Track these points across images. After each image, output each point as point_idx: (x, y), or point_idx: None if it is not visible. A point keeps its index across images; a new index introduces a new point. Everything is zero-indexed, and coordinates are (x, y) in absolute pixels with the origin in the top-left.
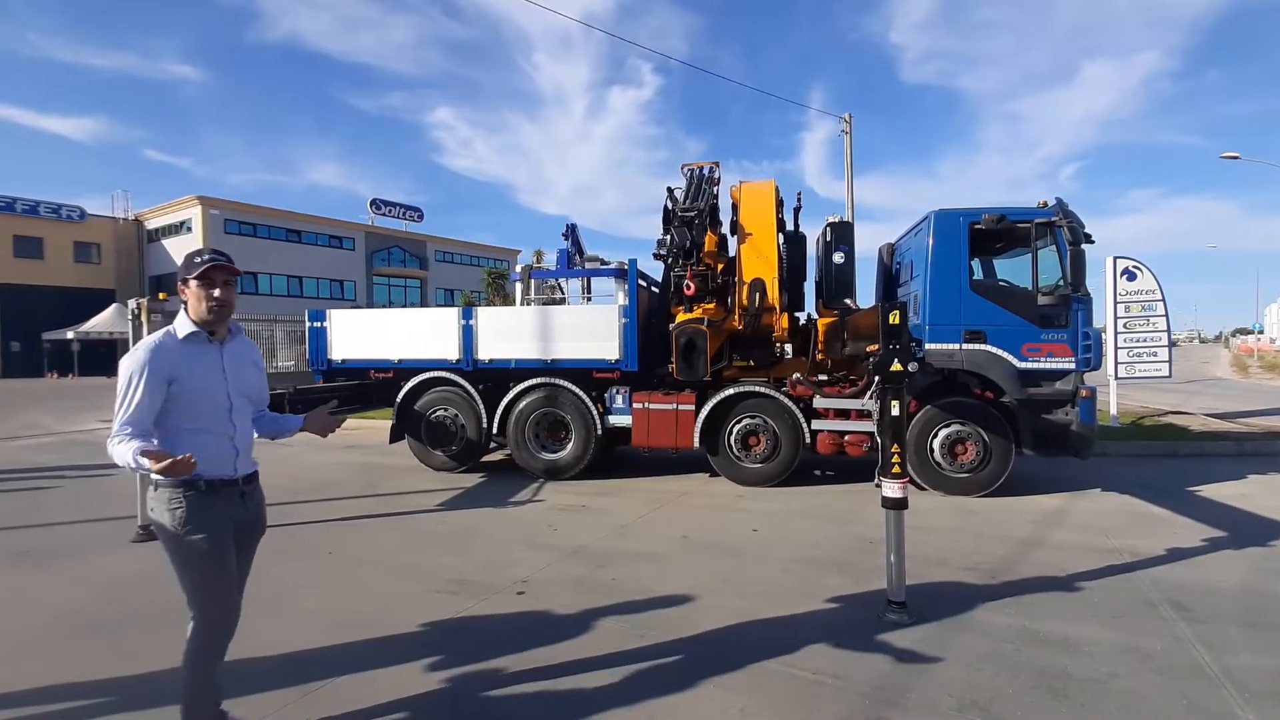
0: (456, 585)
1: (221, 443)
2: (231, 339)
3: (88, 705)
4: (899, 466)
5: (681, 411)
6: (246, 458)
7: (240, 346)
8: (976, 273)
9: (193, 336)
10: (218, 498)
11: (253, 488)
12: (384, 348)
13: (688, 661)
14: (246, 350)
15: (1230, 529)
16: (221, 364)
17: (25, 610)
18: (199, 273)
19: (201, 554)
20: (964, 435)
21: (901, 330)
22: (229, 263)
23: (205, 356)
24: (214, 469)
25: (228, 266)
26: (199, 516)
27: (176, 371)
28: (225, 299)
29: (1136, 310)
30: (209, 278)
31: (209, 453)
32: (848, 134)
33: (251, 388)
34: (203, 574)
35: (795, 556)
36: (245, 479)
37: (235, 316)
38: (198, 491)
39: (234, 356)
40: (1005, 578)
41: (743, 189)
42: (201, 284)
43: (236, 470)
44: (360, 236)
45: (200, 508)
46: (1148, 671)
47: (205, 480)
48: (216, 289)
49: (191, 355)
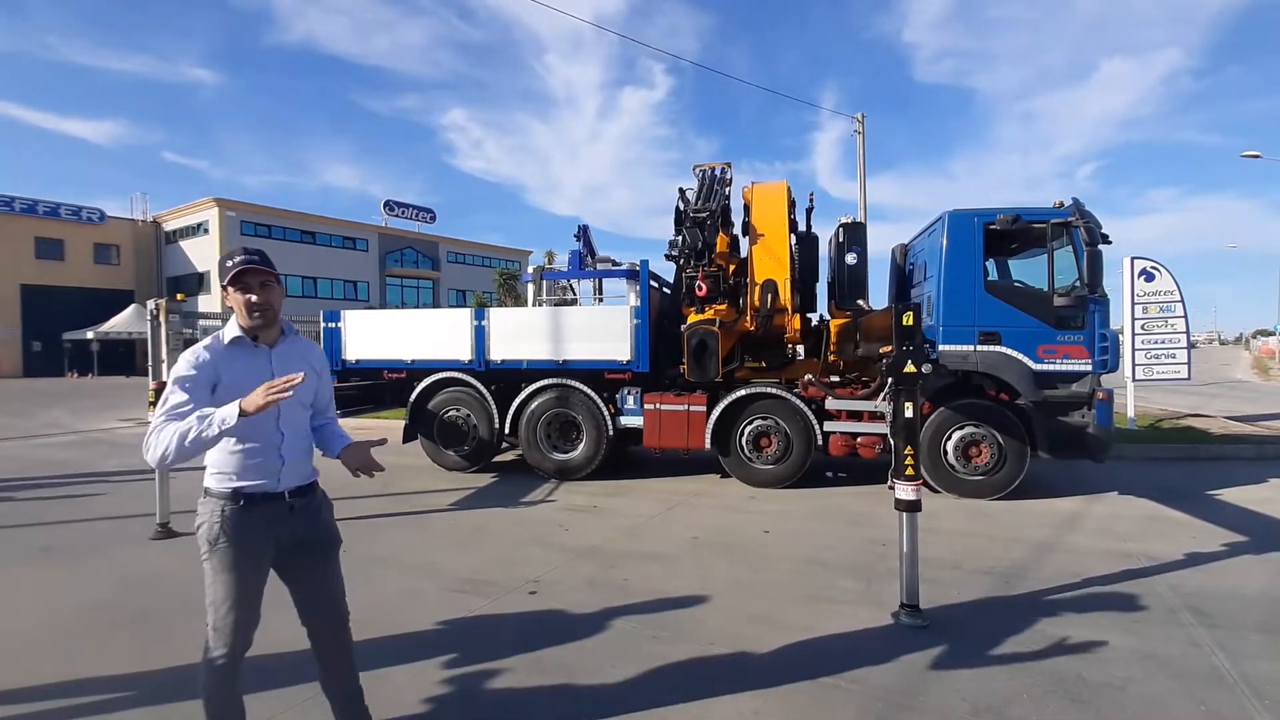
0: (469, 584)
1: (267, 452)
2: (284, 341)
3: (105, 700)
4: (912, 469)
5: (693, 412)
6: (297, 468)
7: (294, 349)
8: (991, 273)
9: (237, 341)
10: (257, 512)
11: (306, 500)
12: (397, 348)
13: (700, 663)
14: (302, 353)
15: (1250, 534)
16: (270, 368)
17: (44, 606)
18: (230, 277)
19: (223, 567)
20: (978, 437)
21: (915, 331)
22: (261, 262)
23: (251, 361)
24: (255, 481)
25: (260, 267)
26: (231, 530)
27: (220, 376)
28: (265, 301)
29: (1154, 311)
30: (243, 281)
31: (250, 463)
32: (860, 134)
33: (305, 393)
34: (219, 587)
35: (807, 558)
36: (293, 491)
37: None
38: (236, 506)
39: (285, 360)
40: (1020, 581)
41: (754, 190)
42: (237, 289)
43: (281, 483)
44: (374, 238)
45: (235, 522)
46: (1165, 677)
47: (244, 494)
48: (253, 293)
49: (236, 360)
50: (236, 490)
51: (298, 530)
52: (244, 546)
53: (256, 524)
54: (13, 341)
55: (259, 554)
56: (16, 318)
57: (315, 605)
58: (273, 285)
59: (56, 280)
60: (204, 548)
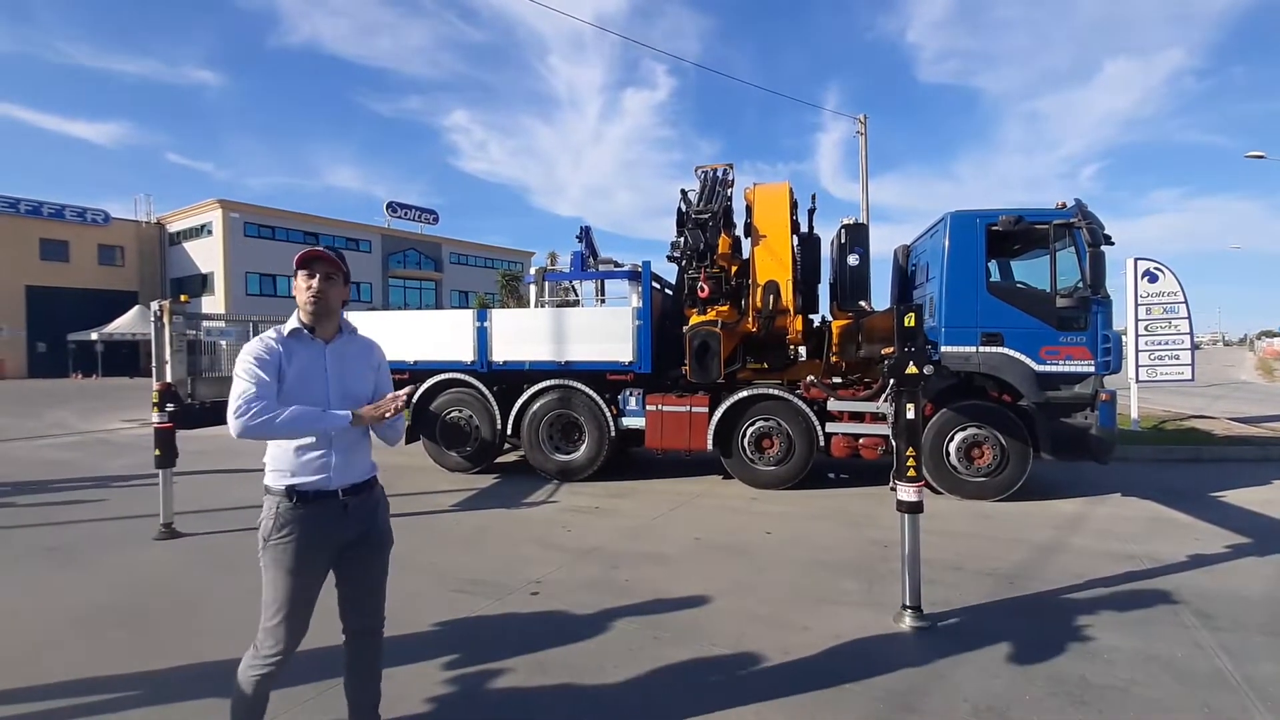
0: (471, 585)
1: (319, 448)
2: (341, 337)
3: (110, 700)
4: (914, 470)
5: (695, 414)
6: (352, 465)
7: (351, 346)
8: (994, 274)
9: (295, 333)
10: (311, 510)
11: (361, 498)
12: (400, 349)
13: (702, 664)
14: (360, 350)
15: (1254, 535)
16: (324, 362)
17: (50, 606)
18: (299, 260)
19: (275, 564)
20: (981, 439)
21: (917, 332)
22: (334, 255)
23: (308, 354)
24: (309, 478)
25: (330, 258)
26: (284, 526)
27: (282, 366)
28: (322, 292)
29: (1158, 312)
30: (308, 267)
31: (304, 459)
32: (863, 135)
33: (362, 389)
34: (271, 585)
35: (809, 560)
36: (347, 489)
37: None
38: (290, 503)
39: (341, 356)
40: (1023, 583)
41: (757, 191)
42: (303, 272)
43: (334, 480)
44: (376, 239)
45: (290, 519)
46: (1168, 679)
47: (298, 491)
48: (313, 280)
49: (294, 352)
50: (291, 487)
51: (353, 529)
52: (296, 544)
53: (310, 522)
54: (18, 342)
55: (312, 554)
56: (21, 319)
57: (361, 606)
58: (336, 280)
59: (61, 281)
60: (260, 544)
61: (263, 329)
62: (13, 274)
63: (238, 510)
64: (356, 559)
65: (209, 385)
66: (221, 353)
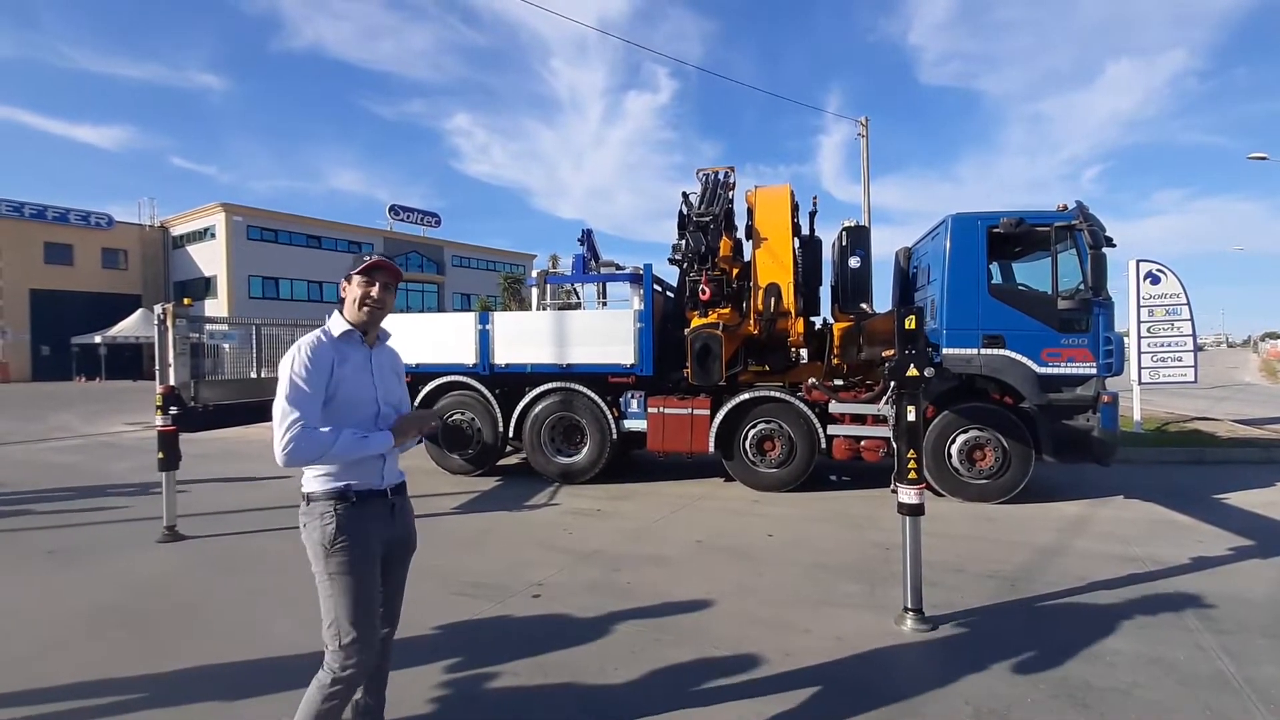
0: (474, 587)
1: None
2: (379, 345)
3: (115, 702)
4: (915, 472)
5: (696, 416)
6: (394, 467)
7: (386, 355)
8: (995, 277)
9: (347, 335)
10: (367, 510)
11: (401, 499)
12: (402, 352)
13: (703, 667)
14: (391, 359)
15: (1257, 538)
16: (370, 368)
17: (54, 608)
18: (364, 266)
19: (344, 569)
20: (982, 441)
21: (918, 335)
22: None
23: (358, 358)
24: (363, 479)
25: (393, 268)
26: (350, 527)
27: (335, 370)
28: (383, 300)
29: (1160, 314)
30: (371, 275)
31: (357, 461)
32: (864, 137)
33: (395, 396)
34: (340, 597)
35: (811, 562)
36: (394, 489)
37: (256, 321)
38: (349, 504)
39: (380, 363)
40: (1025, 585)
41: (758, 193)
42: (364, 278)
43: (384, 480)
44: (379, 242)
45: (352, 520)
46: (1170, 682)
47: (355, 491)
48: (374, 288)
49: (346, 355)
50: (347, 488)
51: (399, 528)
52: (362, 544)
53: (368, 521)
54: (21, 345)
55: (374, 556)
56: (25, 322)
57: (387, 610)
58: (392, 291)
59: (65, 285)
60: (319, 554)
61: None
62: (17, 277)
63: (241, 513)
64: (393, 559)
65: (212, 388)
66: (224, 356)
